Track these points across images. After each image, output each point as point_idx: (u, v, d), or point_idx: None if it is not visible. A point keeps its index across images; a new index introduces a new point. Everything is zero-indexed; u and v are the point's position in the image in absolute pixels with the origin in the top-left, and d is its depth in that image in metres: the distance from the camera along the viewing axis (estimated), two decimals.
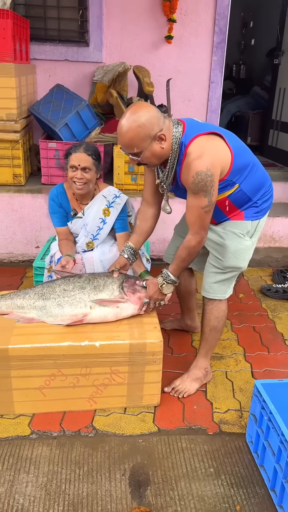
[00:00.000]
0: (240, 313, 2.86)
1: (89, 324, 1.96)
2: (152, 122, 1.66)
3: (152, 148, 1.70)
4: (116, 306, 1.98)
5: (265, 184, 1.95)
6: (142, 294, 2.01)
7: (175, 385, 2.11)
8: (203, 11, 3.70)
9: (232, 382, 2.24)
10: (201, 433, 1.92)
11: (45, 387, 1.90)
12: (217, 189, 1.75)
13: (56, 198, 2.43)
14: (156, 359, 1.87)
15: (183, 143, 1.73)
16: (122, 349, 1.84)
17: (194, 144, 1.70)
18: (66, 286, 2.02)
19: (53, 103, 3.35)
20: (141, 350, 1.84)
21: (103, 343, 1.83)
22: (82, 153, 2.24)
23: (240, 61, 6.93)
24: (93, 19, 3.65)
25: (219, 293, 2.04)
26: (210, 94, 3.94)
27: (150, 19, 3.68)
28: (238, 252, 1.95)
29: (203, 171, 1.67)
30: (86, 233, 2.42)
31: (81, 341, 1.83)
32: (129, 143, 1.68)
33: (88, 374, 1.88)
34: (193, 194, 1.73)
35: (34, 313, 1.99)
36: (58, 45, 3.72)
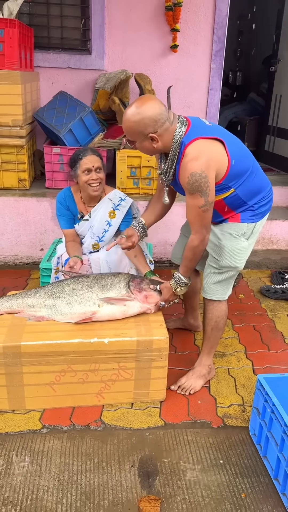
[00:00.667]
0: (240, 312, 2.94)
1: (98, 322, 2.03)
2: (146, 123, 1.75)
3: (143, 144, 1.83)
4: (123, 304, 2.05)
5: (264, 190, 2.01)
6: (148, 292, 2.09)
7: (181, 382, 2.18)
8: (202, 21, 3.81)
9: (235, 378, 2.31)
10: (206, 426, 2.00)
11: (55, 383, 1.97)
12: (213, 190, 1.81)
13: (64, 201, 2.51)
14: (162, 356, 1.95)
15: (183, 143, 1.79)
16: (129, 346, 1.91)
17: (193, 146, 1.77)
18: (75, 285, 2.10)
19: (57, 109, 3.44)
20: (147, 347, 1.91)
21: (111, 340, 1.91)
22: (92, 155, 2.36)
23: (236, 68, 7.06)
24: (95, 28, 3.74)
25: (218, 294, 2.11)
26: (209, 101, 4.05)
27: (151, 29, 3.79)
28: (234, 252, 2.02)
29: (197, 172, 1.73)
30: (92, 235, 2.50)
31: (90, 338, 1.91)
32: (126, 130, 1.83)
33: (97, 370, 1.95)
34: (189, 194, 1.80)
35: (44, 311, 2.06)
36: (61, 53, 3.81)
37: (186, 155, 1.77)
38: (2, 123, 3.21)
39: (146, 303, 2.10)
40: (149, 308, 2.12)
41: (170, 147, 1.83)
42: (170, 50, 3.85)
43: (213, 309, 2.12)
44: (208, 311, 2.14)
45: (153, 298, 2.11)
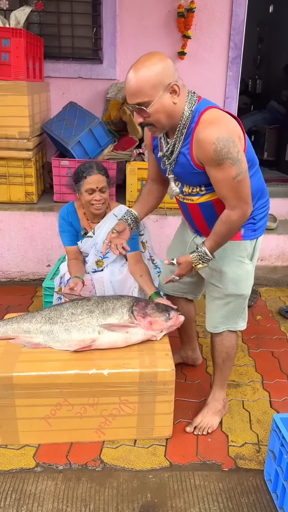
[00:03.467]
0: (257, 336, 2.73)
1: (97, 351, 1.87)
2: (166, 70, 1.45)
3: (163, 100, 1.47)
4: (126, 331, 1.88)
5: (264, 195, 1.81)
6: (153, 318, 1.91)
7: (197, 423, 1.98)
8: (218, 27, 3.66)
9: (249, 412, 2.11)
10: (216, 468, 1.80)
11: (50, 417, 1.81)
12: (244, 155, 1.51)
13: (67, 217, 2.38)
14: (168, 389, 1.76)
15: (197, 110, 1.53)
16: (131, 378, 1.74)
17: (210, 112, 1.51)
18: (74, 309, 1.94)
19: (66, 120, 3.33)
20: (152, 379, 1.73)
21: (111, 371, 1.73)
22: (97, 175, 2.20)
23: (256, 76, 6.88)
24: (107, 37, 3.63)
25: (229, 324, 1.90)
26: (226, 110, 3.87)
27: (165, 36, 3.65)
28: (238, 279, 1.80)
29: (224, 136, 1.44)
30: (96, 251, 2.36)
31: (88, 369, 1.74)
32: (137, 88, 1.45)
33: (96, 404, 1.78)
34: (216, 165, 1.48)
35: (40, 338, 1.91)
36: (72, 62, 3.71)
37: (203, 121, 1.49)
38: (9, 135, 3.11)
39: (151, 330, 1.92)
40: (154, 335, 1.94)
41: (181, 114, 1.53)
42: (178, 57, 3.70)
43: (223, 340, 1.92)
44: (217, 343, 1.94)
45: (159, 325, 1.92)
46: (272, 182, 4.51)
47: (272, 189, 4.30)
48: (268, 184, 4.61)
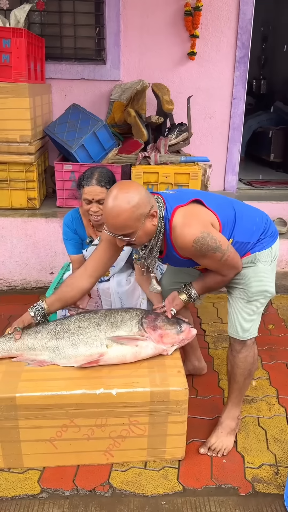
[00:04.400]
0: (270, 347, 2.61)
1: (105, 367, 1.76)
2: (144, 200, 1.56)
3: (145, 227, 1.59)
4: (135, 345, 1.77)
5: (260, 223, 1.83)
6: (164, 331, 1.80)
7: (211, 443, 1.87)
8: (224, 25, 3.55)
9: (266, 430, 2.00)
10: (232, 493, 1.69)
11: (56, 439, 1.71)
12: (222, 237, 1.68)
13: (71, 224, 2.28)
14: (181, 409, 1.65)
15: (166, 218, 1.65)
16: (142, 398, 1.63)
17: (177, 216, 1.64)
18: (81, 323, 1.83)
19: (69, 123, 3.22)
20: (163, 399, 1.62)
21: (120, 391, 1.62)
22: (95, 186, 2.10)
23: (260, 76, 6.77)
24: (110, 36, 3.53)
25: (252, 330, 1.83)
26: (233, 111, 3.77)
27: (170, 35, 3.55)
28: (259, 275, 1.80)
29: (198, 236, 1.59)
30: None
31: (95, 389, 1.63)
32: (123, 225, 1.54)
33: (104, 425, 1.67)
34: (202, 257, 1.66)
35: (46, 354, 1.80)
36: (74, 63, 3.61)
37: (175, 228, 1.63)
38: (10, 139, 3.01)
39: (162, 344, 1.80)
40: (165, 349, 1.83)
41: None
42: (188, 58, 3.59)
43: (248, 356, 1.82)
44: (241, 360, 1.83)
45: (170, 338, 1.81)
46: (280, 185, 4.40)
47: (280, 192, 4.21)
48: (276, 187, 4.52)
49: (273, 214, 3.81)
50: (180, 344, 1.85)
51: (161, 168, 3.07)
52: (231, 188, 3.97)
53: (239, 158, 3.94)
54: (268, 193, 4.15)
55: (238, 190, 4.08)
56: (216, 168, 3.87)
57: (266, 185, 4.34)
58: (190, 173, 3.05)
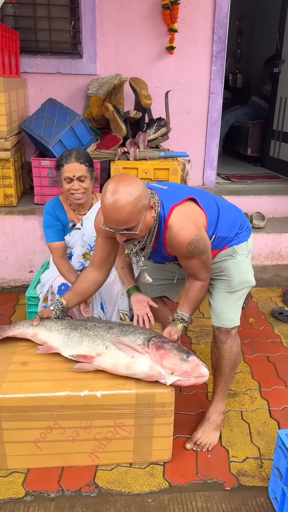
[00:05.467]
0: (251, 340, 2.64)
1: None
2: (144, 192, 1.56)
3: (146, 219, 1.59)
4: (131, 356, 1.64)
5: (238, 221, 1.88)
6: (166, 352, 1.61)
7: (197, 438, 1.88)
8: (201, 19, 3.54)
9: (249, 424, 2.02)
10: (218, 488, 1.70)
11: (40, 441, 1.68)
12: (209, 242, 1.74)
13: (52, 211, 2.28)
14: (167, 411, 1.64)
15: (162, 216, 1.66)
16: (127, 400, 1.61)
17: (174, 217, 1.64)
18: (98, 322, 1.85)
19: (46, 118, 3.16)
20: (149, 401, 1.61)
21: (105, 393, 1.61)
22: (75, 163, 2.14)
23: (236, 70, 6.80)
24: (86, 30, 3.47)
25: (235, 319, 1.87)
26: (210, 106, 3.77)
27: (147, 29, 3.52)
28: (239, 266, 1.85)
29: (193, 239, 1.63)
30: (83, 243, 2.26)
31: (80, 391, 1.61)
32: (127, 218, 1.51)
33: (89, 427, 1.65)
34: (190, 258, 1.69)
35: (57, 339, 1.80)
36: (50, 57, 3.54)
37: (171, 228, 1.64)
38: None
39: (160, 365, 1.60)
40: (162, 375, 1.60)
41: None
42: (167, 52, 3.57)
43: (232, 346, 1.85)
44: (226, 350, 1.85)
45: (170, 362, 1.59)
46: (257, 179, 4.44)
47: (258, 187, 4.25)
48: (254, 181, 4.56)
49: (252, 208, 3.85)
50: (184, 377, 1.59)
51: (141, 163, 3.05)
52: (210, 183, 3.98)
53: (217, 153, 3.95)
54: (247, 188, 4.18)
55: (217, 185, 4.10)
56: (194, 163, 3.87)
57: (244, 180, 4.38)
58: (169, 168, 3.04)
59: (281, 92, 4.60)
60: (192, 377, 1.59)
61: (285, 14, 4.43)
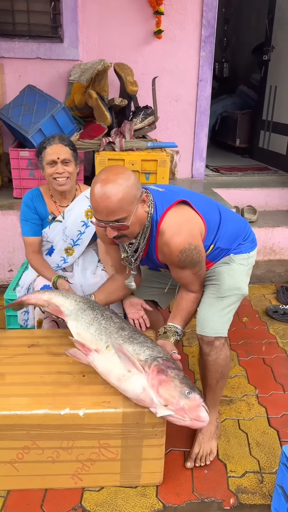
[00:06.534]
0: (246, 341, 2.50)
1: (73, 383, 1.55)
2: (136, 183, 1.49)
3: (138, 212, 1.49)
4: (128, 370, 1.43)
5: (241, 233, 1.78)
6: (167, 379, 1.38)
7: (195, 453, 1.72)
8: (189, 2, 3.34)
9: (247, 434, 1.88)
10: (216, 507, 1.57)
11: (17, 461, 1.52)
12: (204, 254, 1.64)
13: (31, 202, 2.10)
14: (158, 432, 1.47)
15: (154, 219, 1.56)
16: (113, 420, 1.44)
17: (167, 221, 1.55)
18: (115, 317, 1.66)
19: (24, 106, 2.95)
20: (137, 421, 1.44)
21: (88, 411, 1.43)
22: (59, 144, 1.99)
23: (223, 59, 6.63)
24: (67, 12, 3.25)
25: (220, 329, 1.67)
26: (199, 94, 3.59)
27: (132, 11, 3.31)
28: (232, 272, 1.72)
29: (186, 247, 1.53)
30: (65, 237, 2.10)
31: (60, 408, 1.43)
32: (117, 206, 1.42)
33: (71, 447, 1.48)
34: (181, 269, 1.59)
35: (70, 308, 1.69)
36: (29, 41, 3.32)
37: (163, 233, 1.55)
38: None
39: (155, 391, 1.37)
40: (154, 403, 1.38)
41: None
42: (154, 37, 3.37)
43: (218, 359, 1.67)
44: (211, 363, 1.68)
45: (168, 392, 1.36)
46: (247, 171, 4.29)
47: (248, 179, 4.10)
48: (243, 173, 4.40)
49: (243, 201, 3.70)
50: (178, 414, 1.36)
51: (127, 154, 2.87)
52: (199, 175, 3.82)
53: (206, 143, 3.79)
54: (237, 180, 4.03)
55: (206, 177, 3.94)
56: (183, 154, 3.71)
57: (233, 172, 4.22)
58: (158, 159, 2.86)
59: (270, 80, 4.45)
60: (188, 417, 1.35)
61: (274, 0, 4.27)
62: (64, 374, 1.56)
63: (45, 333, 1.83)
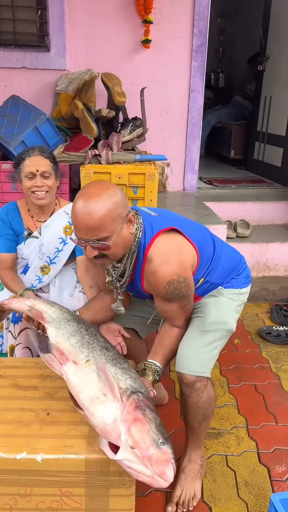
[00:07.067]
0: (237, 366, 2.36)
1: (36, 422, 1.38)
2: (122, 200, 1.38)
3: (122, 232, 1.37)
4: (104, 393, 1.25)
5: (235, 267, 1.66)
6: (144, 419, 1.20)
7: (177, 496, 1.57)
8: (180, 11, 3.26)
9: (235, 471, 1.73)
10: None
11: None
12: (193, 287, 1.51)
13: (6, 217, 1.99)
14: (126, 482, 1.30)
15: (142, 244, 1.45)
16: (74, 467, 1.27)
17: (156, 248, 1.43)
18: (100, 336, 1.49)
19: (8, 117, 2.84)
20: (102, 469, 1.28)
21: (47, 456, 1.26)
22: (38, 156, 1.88)
23: (218, 69, 6.56)
24: (54, 20, 3.16)
25: (202, 368, 1.49)
26: (191, 105, 3.49)
27: (120, 20, 3.22)
28: (219, 304, 1.59)
29: (174, 279, 1.41)
30: (41, 255, 1.98)
31: (17, 452, 1.27)
32: (98, 224, 1.31)
33: (30, 494, 1.33)
34: (167, 302, 1.47)
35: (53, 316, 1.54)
36: (14, 50, 3.22)
37: (151, 260, 1.43)
38: None
39: (125, 428, 1.18)
40: (119, 436, 1.17)
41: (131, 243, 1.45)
42: (143, 46, 3.28)
43: (199, 401, 1.50)
44: (191, 405, 1.51)
45: (139, 434, 1.17)
46: (241, 184, 4.19)
47: (242, 192, 3.98)
48: (237, 186, 4.28)
49: (236, 215, 3.59)
50: (141, 463, 1.15)
51: (114, 167, 2.75)
52: (191, 188, 3.71)
53: (198, 155, 3.68)
54: (230, 193, 3.92)
55: (199, 190, 3.83)
56: (174, 166, 3.61)
57: (227, 184, 4.12)
58: (146, 173, 2.74)
59: (265, 91, 4.36)
60: (151, 470, 1.14)
61: (269, 9, 4.19)
62: (26, 412, 1.41)
63: (14, 363, 1.68)
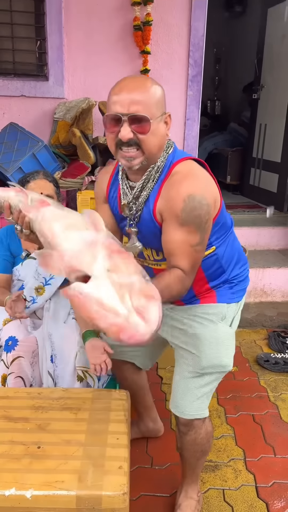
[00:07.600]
0: (234, 395, 2.32)
1: (26, 456, 1.31)
2: (164, 96, 1.30)
3: (160, 126, 1.24)
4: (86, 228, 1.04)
5: (242, 258, 1.54)
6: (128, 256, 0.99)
7: None
8: (175, 42, 3.34)
9: (232, 507, 1.68)
10: None
11: None
12: (211, 227, 1.29)
13: (5, 239, 2.00)
14: None
15: (170, 160, 1.29)
16: (65, 504, 1.22)
17: (185, 164, 1.28)
18: None
19: (5, 144, 2.87)
20: (94, 506, 1.23)
21: (37, 493, 1.22)
22: (43, 180, 1.90)
23: (214, 97, 6.70)
24: (53, 51, 3.23)
25: (200, 410, 1.45)
26: (187, 133, 3.54)
27: (118, 51, 3.29)
28: (217, 342, 1.43)
29: (197, 195, 1.20)
30: (37, 275, 1.95)
31: (5, 488, 1.22)
32: (145, 97, 1.19)
33: None
34: (179, 225, 1.22)
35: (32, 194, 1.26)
36: (13, 79, 3.28)
37: (176, 173, 1.26)
38: None
39: (107, 252, 0.98)
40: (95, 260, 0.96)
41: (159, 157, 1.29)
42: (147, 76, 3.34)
43: (197, 438, 1.47)
44: (189, 442, 1.48)
45: (124, 264, 0.97)
46: (237, 209, 4.20)
47: (239, 217, 3.99)
48: (233, 211, 4.28)
49: None
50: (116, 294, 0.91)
51: None
52: None
53: None
54: None
55: None
56: None
57: None
58: None
59: (260, 118, 4.43)
60: (127, 304, 0.90)
61: (263, 39, 4.31)
62: (17, 445, 1.37)
63: (6, 393, 1.64)
